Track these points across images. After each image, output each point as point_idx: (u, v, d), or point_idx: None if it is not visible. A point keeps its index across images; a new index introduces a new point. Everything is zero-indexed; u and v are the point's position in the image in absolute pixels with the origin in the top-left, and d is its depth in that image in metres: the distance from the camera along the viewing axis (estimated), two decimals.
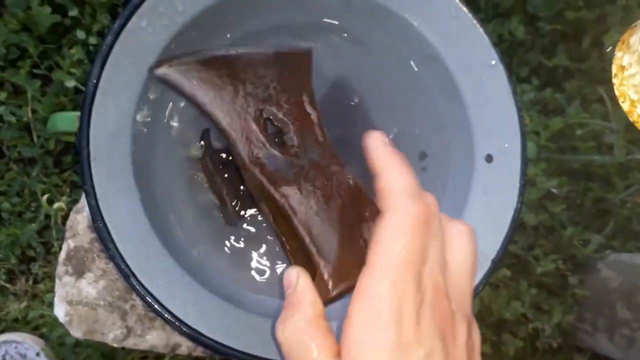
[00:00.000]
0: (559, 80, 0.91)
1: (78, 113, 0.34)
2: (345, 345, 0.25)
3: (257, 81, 0.30)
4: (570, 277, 0.88)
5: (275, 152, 0.29)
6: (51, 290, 0.81)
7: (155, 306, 0.34)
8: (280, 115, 0.30)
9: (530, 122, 0.84)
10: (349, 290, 0.27)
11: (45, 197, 0.79)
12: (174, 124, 0.39)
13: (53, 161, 0.83)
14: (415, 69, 0.43)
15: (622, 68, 0.33)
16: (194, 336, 0.34)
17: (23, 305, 0.82)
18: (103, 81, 0.34)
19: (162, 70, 0.30)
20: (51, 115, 0.40)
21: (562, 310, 0.87)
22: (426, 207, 0.26)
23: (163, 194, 0.38)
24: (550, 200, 0.87)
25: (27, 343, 0.79)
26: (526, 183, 0.41)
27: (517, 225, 0.39)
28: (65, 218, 0.78)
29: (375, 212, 0.27)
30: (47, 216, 0.80)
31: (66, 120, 0.39)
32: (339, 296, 0.27)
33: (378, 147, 0.29)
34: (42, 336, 0.82)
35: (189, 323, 0.34)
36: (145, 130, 0.37)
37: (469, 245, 0.28)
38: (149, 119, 0.37)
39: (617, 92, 0.33)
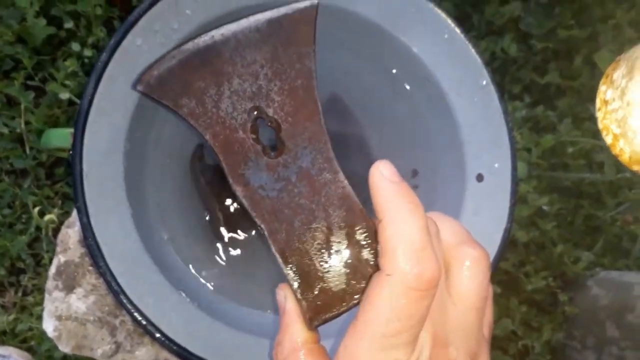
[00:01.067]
0: (550, 98, 0.92)
1: (72, 130, 0.34)
2: None
3: (245, 72, 0.28)
4: (560, 294, 0.88)
5: (262, 164, 0.27)
6: (40, 303, 0.80)
7: (144, 324, 0.34)
8: (270, 113, 0.27)
9: (521, 140, 0.85)
10: (333, 318, 0.26)
11: (36, 209, 0.78)
12: (167, 140, 0.39)
13: (45, 173, 0.82)
14: (408, 88, 0.43)
15: (606, 102, 0.33)
16: (184, 355, 0.34)
17: (11, 317, 0.82)
18: (97, 99, 0.34)
19: (141, 86, 0.28)
20: (45, 131, 0.40)
21: (551, 327, 0.87)
22: (430, 273, 0.23)
23: (155, 210, 0.38)
24: (541, 217, 0.87)
25: (14, 357, 0.78)
26: (516, 202, 0.41)
27: (508, 242, 0.39)
28: (55, 230, 0.78)
29: (368, 229, 0.26)
30: (38, 228, 0.80)
31: (60, 137, 0.39)
32: (324, 323, 0.26)
33: (382, 184, 0.25)
34: (30, 349, 0.81)
35: (179, 342, 0.34)
36: (138, 147, 0.37)
37: (477, 276, 0.26)
38: (142, 135, 0.37)
39: (600, 126, 0.33)
